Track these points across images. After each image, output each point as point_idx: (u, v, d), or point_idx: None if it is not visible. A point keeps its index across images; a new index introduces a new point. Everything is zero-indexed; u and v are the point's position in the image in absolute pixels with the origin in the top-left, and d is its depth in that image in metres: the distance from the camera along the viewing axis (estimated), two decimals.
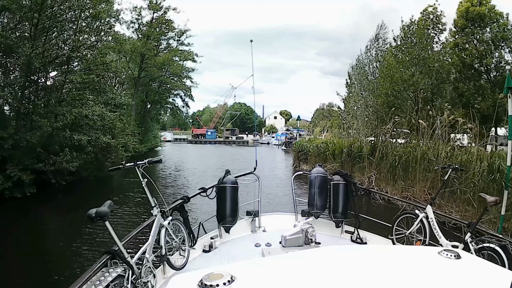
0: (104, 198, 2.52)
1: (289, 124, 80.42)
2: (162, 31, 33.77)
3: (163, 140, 54.28)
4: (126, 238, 2.70)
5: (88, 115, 14.21)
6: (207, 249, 3.71)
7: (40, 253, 7.39)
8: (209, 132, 62.86)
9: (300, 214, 4.49)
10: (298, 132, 36.79)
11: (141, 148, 29.85)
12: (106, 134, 15.30)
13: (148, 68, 32.60)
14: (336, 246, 2.84)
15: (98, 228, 7.41)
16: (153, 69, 32.54)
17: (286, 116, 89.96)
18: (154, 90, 36.02)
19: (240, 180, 4.30)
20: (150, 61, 31.80)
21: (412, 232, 3.86)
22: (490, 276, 1.57)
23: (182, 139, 62.64)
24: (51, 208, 11.57)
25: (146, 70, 32.90)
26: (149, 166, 2.96)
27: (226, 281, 1.36)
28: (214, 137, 62.56)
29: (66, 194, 12.78)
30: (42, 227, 9.70)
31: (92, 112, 14.44)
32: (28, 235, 8.49)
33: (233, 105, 76.57)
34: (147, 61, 31.93)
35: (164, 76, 34.71)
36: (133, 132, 28.52)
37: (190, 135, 66.15)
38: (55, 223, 10.31)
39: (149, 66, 32.14)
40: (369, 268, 1.62)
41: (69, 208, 11.15)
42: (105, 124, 15.37)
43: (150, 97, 36.01)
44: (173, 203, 3.53)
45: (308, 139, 24.38)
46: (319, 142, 19.26)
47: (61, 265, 6.78)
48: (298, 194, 4.79)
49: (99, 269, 2.20)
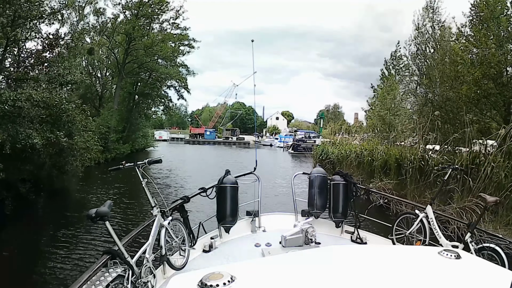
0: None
1: (292, 125, 79.54)
2: (154, 11, 27.91)
3: (158, 139, 51.23)
4: (126, 238, 2.70)
5: (19, 97, 9.04)
6: (207, 249, 3.70)
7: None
8: (208, 132, 60.19)
9: (300, 214, 4.49)
10: (319, 134, 30.61)
11: (123, 148, 25.62)
12: (54, 130, 10.32)
13: (136, 53, 27.04)
14: (336, 246, 2.84)
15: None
16: (140, 53, 26.89)
17: (288, 117, 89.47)
18: (144, 80, 30.36)
19: (240, 180, 4.30)
20: (138, 43, 26.53)
21: (412, 232, 3.86)
22: (490, 276, 1.57)
23: (179, 139, 60.04)
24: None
25: (133, 54, 27.15)
26: (148, 166, 2.96)
27: (226, 281, 1.36)
28: (213, 137, 59.77)
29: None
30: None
31: (27, 96, 9.26)
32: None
33: (233, 104, 74.26)
34: (134, 43, 26.61)
35: (154, 62, 28.59)
36: (116, 129, 24.91)
37: (187, 134, 63.44)
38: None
39: (136, 49, 26.75)
40: (369, 268, 1.62)
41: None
42: (52, 113, 10.41)
43: (138, 88, 30.49)
44: (173, 203, 3.53)
45: (332, 143, 19.53)
46: (355, 148, 14.68)
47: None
48: (298, 194, 4.78)
49: (99, 269, 2.20)
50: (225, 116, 68.87)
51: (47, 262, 6.78)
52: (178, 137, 61.27)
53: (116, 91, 28.25)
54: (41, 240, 8.40)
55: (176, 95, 32.55)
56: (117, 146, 24.81)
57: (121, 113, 28.10)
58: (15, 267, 6.39)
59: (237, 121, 73.82)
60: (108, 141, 23.24)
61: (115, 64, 28.32)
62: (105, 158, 21.83)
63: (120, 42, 27.63)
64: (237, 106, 77.37)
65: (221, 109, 67.21)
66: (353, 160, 13.79)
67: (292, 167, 25.32)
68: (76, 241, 7.87)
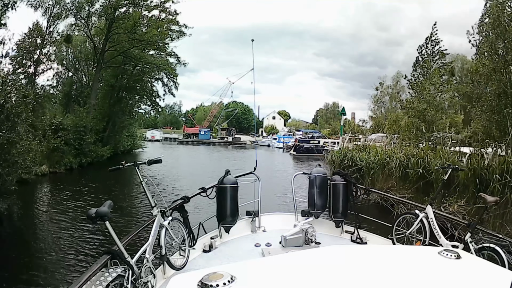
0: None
1: (289, 124, 79.21)
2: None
3: (151, 139, 49.72)
4: (126, 238, 2.70)
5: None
6: (207, 249, 3.71)
7: None
8: (202, 132, 56.87)
9: (300, 214, 4.49)
10: (346, 135, 22.54)
11: (102, 151, 21.94)
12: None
13: (117, 38, 23.17)
14: (336, 246, 2.84)
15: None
16: (121, 38, 23.16)
17: (284, 116, 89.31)
18: (128, 71, 25.93)
19: (240, 180, 4.30)
20: (119, 26, 22.65)
21: (412, 232, 3.86)
22: (490, 276, 1.57)
23: (173, 139, 57.16)
24: None
25: (113, 40, 23.32)
26: (148, 166, 2.96)
27: (226, 281, 1.36)
28: (207, 137, 56.45)
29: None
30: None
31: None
32: None
33: (229, 103, 70.60)
34: (115, 27, 22.73)
35: (137, 48, 24.19)
36: (94, 128, 21.53)
37: (181, 134, 60.33)
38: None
39: (118, 33, 22.98)
40: (369, 268, 1.62)
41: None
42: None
43: (121, 81, 26.09)
44: (173, 203, 3.53)
45: (357, 146, 15.50)
46: (397, 154, 11.15)
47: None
48: (298, 194, 4.78)
49: (99, 269, 2.21)
50: (220, 115, 65.61)
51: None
52: (172, 137, 58.64)
53: (94, 83, 24.55)
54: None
55: (164, 90, 28.70)
56: (94, 148, 21.15)
57: (102, 110, 24.46)
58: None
59: (233, 120, 71.38)
60: (84, 142, 19.98)
61: (94, 53, 24.29)
62: (79, 163, 19.28)
63: (98, 26, 23.70)
64: (233, 105, 74.38)
65: (216, 108, 63.75)
66: (395, 170, 10.51)
67: (294, 168, 22.25)
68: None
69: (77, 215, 10.25)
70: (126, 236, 2.76)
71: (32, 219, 10.19)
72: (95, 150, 21.16)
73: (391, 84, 40.41)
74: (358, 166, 12.51)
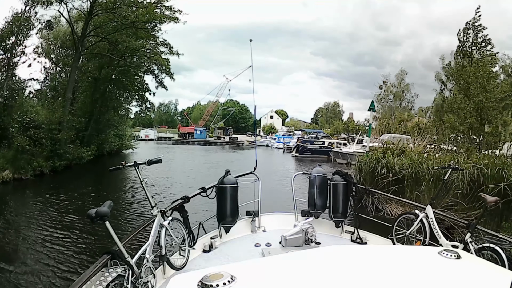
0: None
1: (287, 124, 78.92)
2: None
3: (144, 138, 48.36)
4: (126, 238, 2.70)
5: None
6: (207, 249, 3.71)
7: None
8: (198, 131, 54.78)
9: (300, 214, 4.49)
10: (367, 133, 20.21)
11: (82, 152, 18.94)
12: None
13: (98, 19, 19.86)
14: (336, 246, 2.84)
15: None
16: (103, 19, 19.99)
17: (282, 116, 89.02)
18: (114, 61, 22.63)
19: (240, 180, 4.30)
20: (98, 5, 19.36)
21: (412, 232, 3.86)
22: (490, 276, 1.57)
23: (167, 138, 55.22)
24: None
25: (95, 24, 20.04)
26: (148, 166, 2.95)
27: (226, 281, 1.36)
28: (203, 136, 54.22)
29: None
30: None
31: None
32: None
33: (226, 102, 69.48)
34: (96, 8, 19.41)
35: (121, 31, 20.20)
36: (71, 126, 18.66)
37: (177, 133, 58.44)
38: None
39: (98, 13, 19.61)
40: (369, 268, 1.62)
41: None
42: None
43: (106, 72, 22.86)
44: (173, 203, 3.53)
45: (390, 149, 11.61)
46: (459, 163, 8.49)
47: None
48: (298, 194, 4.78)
49: (99, 269, 2.21)
50: (216, 114, 63.88)
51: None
52: (166, 137, 56.80)
53: (71, 74, 20.60)
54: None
55: (157, 82, 25.84)
56: (72, 149, 18.05)
57: (83, 105, 21.80)
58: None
59: (229, 119, 69.64)
60: (59, 142, 17.12)
61: (72, 38, 20.37)
62: (52, 167, 16.24)
63: (79, 9, 20.29)
64: (229, 104, 72.96)
65: (213, 106, 62.00)
66: (460, 184, 8.00)
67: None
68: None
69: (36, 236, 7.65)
70: (126, 236, 2.76)
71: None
72: (73, 151, 18.12)
73: (395, 83, 40.35)
74: (397, 176, 9.70)
